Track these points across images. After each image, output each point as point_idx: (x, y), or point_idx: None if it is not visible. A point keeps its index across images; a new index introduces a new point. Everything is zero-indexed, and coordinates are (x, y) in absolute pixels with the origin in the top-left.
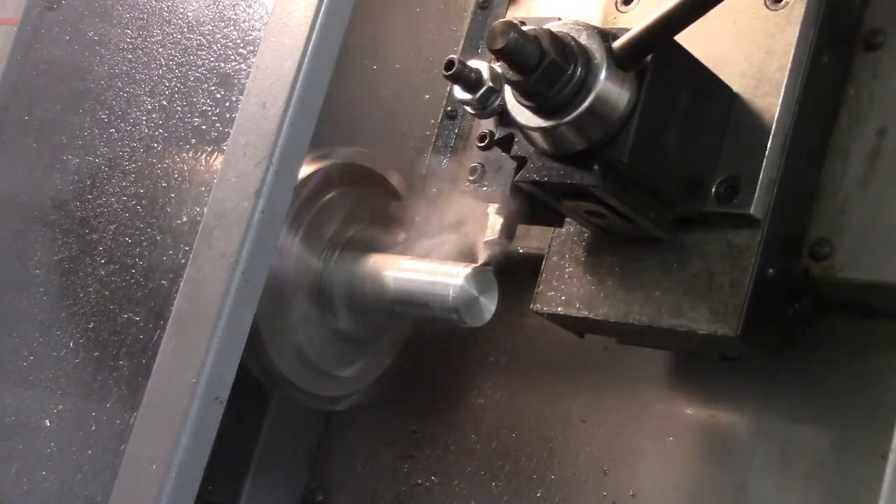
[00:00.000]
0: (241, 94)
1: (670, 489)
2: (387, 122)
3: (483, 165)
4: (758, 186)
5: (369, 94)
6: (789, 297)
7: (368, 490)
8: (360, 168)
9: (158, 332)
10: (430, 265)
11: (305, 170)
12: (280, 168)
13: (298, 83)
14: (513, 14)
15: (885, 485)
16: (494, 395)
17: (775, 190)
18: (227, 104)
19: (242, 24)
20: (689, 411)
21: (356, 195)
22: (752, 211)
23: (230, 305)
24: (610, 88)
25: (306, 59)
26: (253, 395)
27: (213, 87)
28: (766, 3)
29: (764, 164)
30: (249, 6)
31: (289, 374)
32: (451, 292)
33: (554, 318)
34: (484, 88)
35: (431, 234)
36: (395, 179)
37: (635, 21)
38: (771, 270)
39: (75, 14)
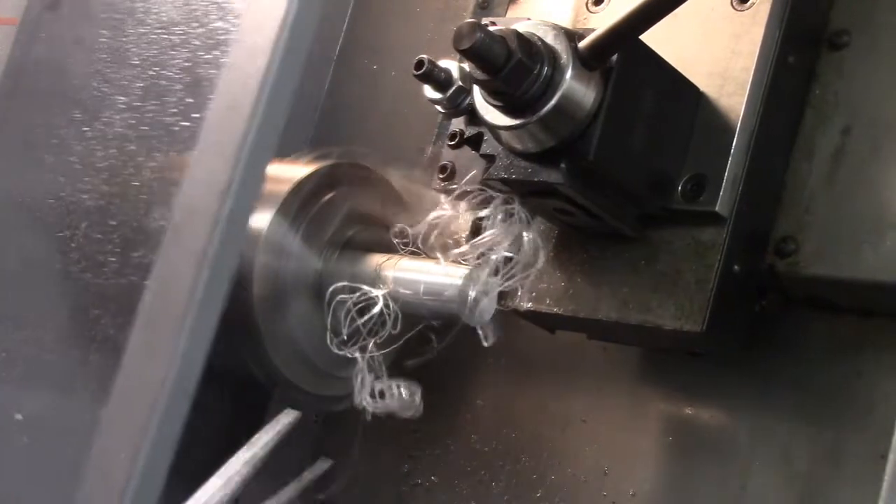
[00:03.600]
0: (212, 94)
1: (670, 489)
2: (387, 122)
3: (453, 164)
4: (723, 184)
5: (369, 94)
6: (756, 293)
7: (368, 490)
8: (360, 168)
9: (128, 327)
10: (430, 265)
11: (305, 169)
12: (248, 166)
13: (267, 84)
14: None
15: (885, 485)
16: (494, 395)
17: (740, 188)
18: (198, 104)
19: (214, 26)
20: (688, 411)
21: (356, 195)
22: (717, 208)
23: (198, 301)
24: (576, 88)
25: (275, 61)
26: (253, 394)
27: (184, 88)
28: (732, 4)
29: (729, 162)
30: (221, 8)
31: (289, 374)
32: (451, 292)
33: (525, 314)
34: (454, 88)
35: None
36: (395, 179)
37: (605, 21)
38: (736, 267)
39: (77, 14)
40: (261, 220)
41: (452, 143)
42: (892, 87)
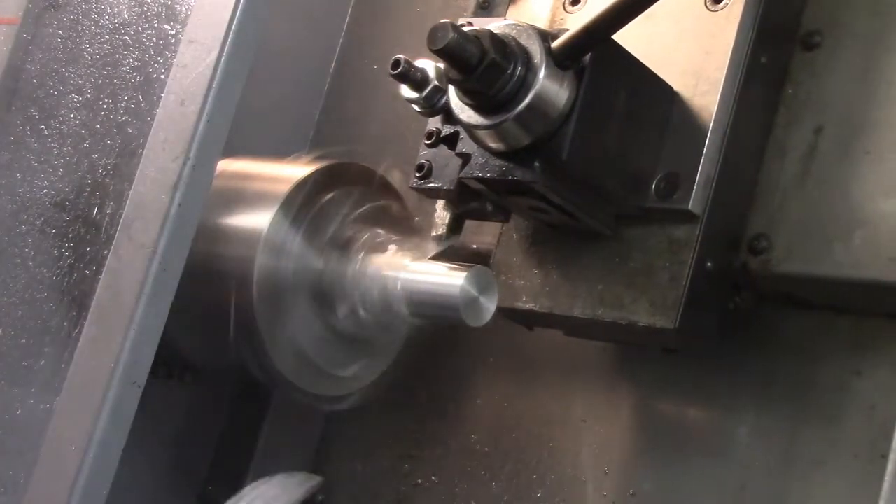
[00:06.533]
0: (162, 92)
1: (670, 489)
2: (387, 122)
3: (430, 162)
4: (696, 183)
5: (369, 94)
6: (730, 290)
7: (368, 490)
8: (360, 168)
9: (81, 320)
10: (430, 265)
11: (305, 169)
12: (197, 163)
13: (215, 82)
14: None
15: (885, 485)
16: (494, 395)
17: (713, 186)
18: (150, 102)
19: (165, 26)
20: (688, 411)
21: (356, 195)
22: (690, 206)
23: (148, 294)
24: (549, 87)
25: (223, 59)
26: (253, 394)
27: (136, 86)
28: (705, 4)
29: (702, 160)
30: (171, 9)
31: (289, 374)
32: (452, 292)
33: (503, 311)
34: (430, 87)
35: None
36: (395, 179)
37: (581, 21)
38: (709, 265)
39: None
40: (262, 219)
41: (429, 141)
42: (863, 87)
